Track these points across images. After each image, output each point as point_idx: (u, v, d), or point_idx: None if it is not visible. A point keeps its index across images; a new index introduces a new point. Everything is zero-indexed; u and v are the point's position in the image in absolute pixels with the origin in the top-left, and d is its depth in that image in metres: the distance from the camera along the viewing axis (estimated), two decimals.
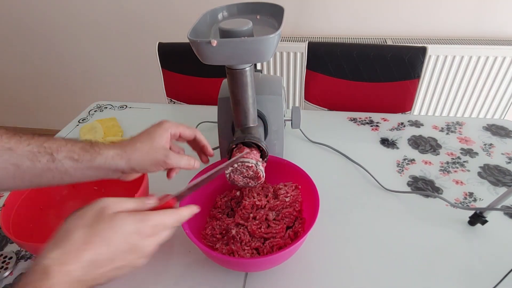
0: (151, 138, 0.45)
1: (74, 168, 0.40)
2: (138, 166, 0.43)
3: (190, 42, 0.46)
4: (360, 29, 1.45)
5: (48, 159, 0.38)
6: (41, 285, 0.27)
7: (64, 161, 0.39)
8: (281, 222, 0.55)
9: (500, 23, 1.34)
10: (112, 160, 0.41)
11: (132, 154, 0.43)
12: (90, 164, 0.41)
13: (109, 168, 0.42)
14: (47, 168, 0.38)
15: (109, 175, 0.43)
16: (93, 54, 1.83)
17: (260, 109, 0.64)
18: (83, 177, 0.41)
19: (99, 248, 0.31)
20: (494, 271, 0.50)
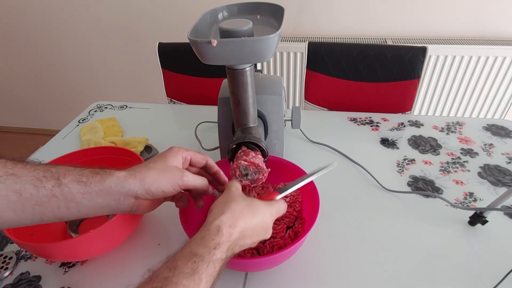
0: (164, 159, 0.43)
1: (82, 193, 0.37)
2: (153, 186, 0.40)
3: (190, 42, 0.46)
4: (360, 29, 1.45)
5: (54, 184, 0.36)
6: (215, 239, 0.35)
7: (71, 185, 0.36)
8: (281, 222, 0.55)
9: (500, 23, 1.34)
10: (124, 181, 0.38)
11: (146, 174, 0.40)
12: (100, 187, 0.37)
13: (120, 191, 0.38)
14: (51, 195, 0.35)
15: (121, 202, 0.39)
16: (93, 54, 1.83)
17: (260, 109, 0.64)
18: (91, 205, 0.38)
19: (248, 218, 0.38)
20: (494, 271, 0.50)
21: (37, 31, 1.80)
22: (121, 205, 0.39)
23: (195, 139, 0.85)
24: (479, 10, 1.32)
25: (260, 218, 0.39)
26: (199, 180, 0.44)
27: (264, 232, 0.40)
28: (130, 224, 0.55)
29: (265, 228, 0.40)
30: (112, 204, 0.39)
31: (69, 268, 0.55)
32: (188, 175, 0.43)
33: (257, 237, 0.39)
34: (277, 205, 0.42)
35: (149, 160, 0.43)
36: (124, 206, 0.40)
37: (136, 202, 0.40)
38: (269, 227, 0.41)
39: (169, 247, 0.58)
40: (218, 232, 0.35)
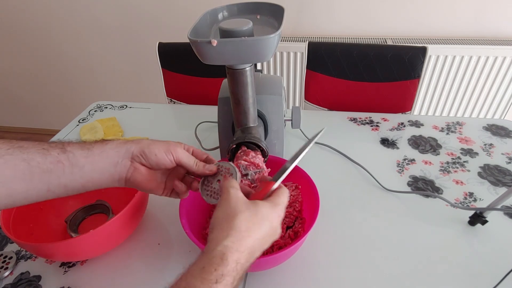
0: (164, 141, 0.44)
1: (85, 157, 0.38)
2: (147, 149, 0.41)
3: (190, 42, 0.46)
4: (360, 29, 1.45)
5: (59, 151, 0.37)
6: (218, 269, 0.31)
7: (75, 150, 0.38)
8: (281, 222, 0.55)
9: (500, 23, 1.34)
10: (123, 143, 0.41)
11: (143, 140, 0.42)
12: (101, 149, 0.39)
13: (119, 152, 0.40)
14: (57, 161, 0.37)
15: (118, 164, 0.40)
16: (93, 54, 1.83)
17: (260, 109, 0.64)
18: (92, 169, 0.39)
19: (256, 234, 0.35)
20: (494, 271, 0.50)
21: (37, 31, 1.80)
22: (118, 167, 0.40)
23: (195, 139, 0.85)
24: (479, 10, 1.32)
25: (267, 225, 0.36)
26: (191, 160, 0.44)
27: (273, 236, 0.38)
28: (130, 224, 0.55)
29: (273, 232, 0.38)
30: (111, 169, 0.40)
31: (69, 268, 0.55)
32: (182, 152, 0.43)
33: (267, 244, 0.37)
34: (281, 199, 0.39)
35: None
36: (121, 168, 0.40)
37: (131, 166, 0.41)
38: (278, 228, 0.39)
39: (169, 247, 0.58)
40: (223, 261, 0.31)
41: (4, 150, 0.34)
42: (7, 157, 0.34)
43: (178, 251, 0.57)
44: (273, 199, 0.39)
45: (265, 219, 0.36)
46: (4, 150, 0.34)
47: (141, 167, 0.41)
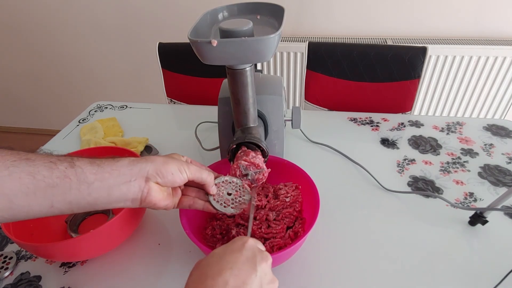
0: (167, 155, 0.44)
1: (94, 174, 0.36)
2: (163, 168, 0.40)
3: (190, 42, 0.46)
4: (361, 29, 1.45)
5: (67, 165, 0.36)
6: None
7: (84, 166, 0.36)
8: (281, 222, 0.55)
9: (500, 23, 1.34)
10: (136, 161, 0.39)
11: (156, 158, 0.41)
12: (112, 167, 0.38)
13: (132, 170, 0.39)
14: (64, 176, 0.35)
15: (131, 184, 0.38)
16: (93, 54, 1.83)
17: (260, 109, 0.64)
18: (102, 188, 0.37)
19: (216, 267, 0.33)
20: (494, 271, 0.50)
21: (38, 31, 1.80)
22: (131, 187, 0.38)
23: (195, 139, 0.85)
24: (479, 10, 1.32)
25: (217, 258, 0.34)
26: (205, 173, 0.45)
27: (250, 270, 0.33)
28: (130, 224, 0.55)
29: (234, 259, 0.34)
30: (122, 186, 0.38)
31: (69, 268, 0.55)
32: (193, 165, 0.44)
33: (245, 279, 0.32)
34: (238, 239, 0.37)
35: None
36: (135, 188, 0.39)
37: (146, 185, 0.39)
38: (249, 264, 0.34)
39: (169, 247, 0.58)
40: None
41: (10, 162, 0.33)
42: (12, 169, 0.33)
43: (178, 251, 0.57)
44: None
45: (223, 255, 0.34)
46: (10, 162, 0.33)
47: (155, 186, 0.40)
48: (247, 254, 0.34)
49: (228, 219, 0.57)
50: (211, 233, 0.55)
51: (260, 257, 0.35)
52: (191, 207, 0.47)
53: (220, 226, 0.56)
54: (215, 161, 0.62)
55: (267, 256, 0.36)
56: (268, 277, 0.35)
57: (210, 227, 0.56)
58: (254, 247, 0.36)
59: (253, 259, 0.34)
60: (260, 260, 0.34)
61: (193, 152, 0.81)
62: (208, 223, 0.58)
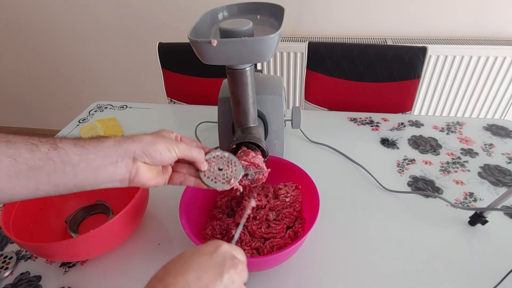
0: (157, 133, 0.42)
1: (79, 155, 0.35)
2: (151, 148, 0.39)
3: (190, 42, 0.46)
4: (361, 29, 1.45)
5: (50, 147, 0.34)
6: None
7: (67, 147, 0.35)
8: (281, 222, 0.55)
9: (500, 23, 1.34)
10: (122, 141, 0.38)
11: (143, 137, 0.40)
12: (97, 148, 0.36)
13: (118, 150, 0.38)
14: (47, 158, 0.34)
15: (118, 164, 0.38)
16: (93, 54, 1.83)
17: (260, 109, 0.64)
18: (88, 169, 0.36)
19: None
20: (494, 271, 0.50)
21: (38, 31, 1.80)
22: (118, 168, 0.38)
23: (195, 139, 0.85)
24: (479, 10, 1.32)
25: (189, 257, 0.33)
26: (195, 150, 0.44)
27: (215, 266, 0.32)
28: (130, 224, 0.55)
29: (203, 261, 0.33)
30: (109, 168, 0.37)
31: (69, 268, 0.55)
32: (183, 144, 0.42)
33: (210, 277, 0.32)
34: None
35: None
36: (122, 169, 0.38)
37: (134, 166, 0.39)
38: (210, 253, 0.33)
39: (169, 247, 0.58)
40: None
41: None
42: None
43: (178, 251, 0.57)
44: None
45: (191, 255, 0.33)
46: None
47: (143, 166, 0.40)
48: (217, 258, 0.33)
49: (228, 219, 0.57)
50: (211, 233, 0.55)
51: (230, 263, 0.33)
52: (182, 183, 0.46)
53: (220, 226, 0.56)
54: None
55: (238, 263, 0.34)
56: (235, 285, 0.33)
57: (210, 227, 0.56)
58: (227, 253, 0.34)
59: (222, 265, 0.33)
60: (229, 267, 0.33)
61: None
62: (208, 223, 0.58)
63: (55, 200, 0.64)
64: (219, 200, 0.61)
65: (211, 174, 0.47)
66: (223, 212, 0.59)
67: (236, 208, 0.59)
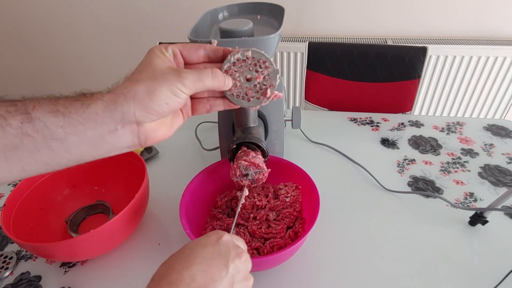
0: (149, 64, 0.33)
1: (62, 127, 0.28)
2: (153, 101, 0.30)
3: (190, 42, 0.46)
4: (361, 29, 1.45)
5: (22, 119, 0.27)
6: None
7: (45, 118, 0.28)
8: (282, 222, 0.55)
9: (500, 23, 1.34)
10: (113, 103, 0.30)
11: (137, 89, 0.31)
12: (83, 116, 0.29)
13: (112, 116, 0.30)
14: (23, 134, 0.27)
15: (119, 132, 0.31)
16: (94, 54, 1.83)
17: (261, 109, 0.64)
18: (81, 142, 0.29)
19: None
20: (494, 272, 0.50)
21: (37, 31, 1.80)
22: (121, 137, 0.31)
23: (195, 139, 0.85)
24: (479, 10, 1.32)
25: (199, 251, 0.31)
26: (208, 76, 0.33)
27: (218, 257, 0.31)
28: (130, 224, 0.55)
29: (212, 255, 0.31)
30: (109, 138, 0.30)
31: (69, 268, 0.55)
32: (187, 74, 0.32)
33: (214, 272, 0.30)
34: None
35: (134, 72, 0.33)
36: (126, 137, 0.31)
37: (140, 130, 0.32)
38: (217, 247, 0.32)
39: (169, 247, 0.58)
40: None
41: None
42: None
43: None
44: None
45: (194, 248, 0.32)
46: None
47: (151, 125, 0.32)
48: (220, 249, 0.32)
49: (228, 219, 0.57)
50: None
51: (234, 253, 0.32)
52: (209, 111, 0.38)
53: (220, 226, 0.56)
54: (215, 161, 0.62)
55: (241, 252, 0.33)
56: (241, 274, 0.32)
57: (210, 227, 0.56)
58: (229, 242, 0.33)
59: (226, 255, 0.31)
60: (233, 257, 0.32)
61: (193, 152, 0.81)
62: (208, 223, 0.58)
63: (55, 200, 0.64)
64: (219, 200, 0.61)
65: (239, 90, 0.37)
66: (223, 212, 0.59)
67: (236, 208, 0.59)
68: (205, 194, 0.60)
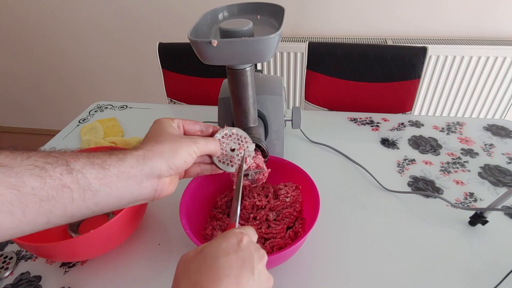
0: (165, 131, 0.38)
1: (100, 179, 0.30)
2: (175, 158, 0.35)
3: (190, 42, 0.46)
4: (361, 29, 1.45)
5: (63, 171, 0.28)
6: None
7: (85, 170, 0.29)
8: (282, 222, 0.55)
9: (500, 23, 1.34)
10: (146, 158, 0.33)
11: (163, 148, 0.35)
12: (120, 169, 0.31)
13: (143, 170, 0.33)
14: (62, 186, 0.27)
15: (143, 185, 0.34)
16: (94, 54, 1.83)
17: (261, 109, 0.64)
18: (110, 194, 0.31)
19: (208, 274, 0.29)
20: (494, 272, 0.50)
21: (37, 31, 1.80)
22: (143, 189, 0.34)
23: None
24: (479, 10, 1.32)
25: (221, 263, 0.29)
26: (212, 143, 0.41)
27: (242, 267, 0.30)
28: (130, 224, 0.55)
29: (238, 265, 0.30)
30: (134, 190, 0.33)
31: (69, 268, 0.55)
32: (199, 140, 0.39)
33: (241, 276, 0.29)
34: (233, 231, 0.34)
35: (151, 136, 0.37)
36: (147, 190, 0.34)
37: (159, 183, 0.35)
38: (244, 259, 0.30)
39: (169, 247, 0.58)
40: None
41: None
42: None
43: (178, 251, 0.57)
44: (224, 232, 0.34)
45: (217, 257, 0.30)
46: None
47: (167, 180, 0.36)
48: (244, 255, 0.30)
49: (228, 219, 0.57)
50: (211, 233, 0.55)
51: (257, 256, 0.31)
52: (199, 174, 0.45)
53: (220, 226, 0.56)
54: None
55: (263, 255, 0.33)
56: (264, 276, 0.32)
57: (210, 227, 0.56)
58: (250, 245, 0.32)
59: (250, 261, 0.30)
60: (257, 261, 0.31)
61: None
62: (208, 223, 0.58)
63: None
64: (219, 200, 0.61)
65: (224, 158, 0.46)
66: (223, 212, 0.59)
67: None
68: (205, 194, 0.60)
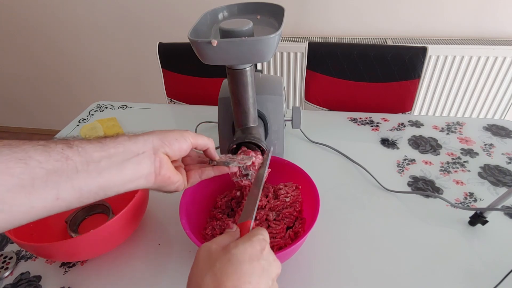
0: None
1: (98, 151, 0.32)
2: (167, 138, 0.38)
3: (190, 42, 0.46)
4: (360, 29, 1.45)
5: (63, 146, 0.30)
6: None
7: (83, 145, 0.31)
8: (282, 222, 0.55)
9: (500, 23, 1.34)
10: (136, 136, 0.36)
11: (154, 131, 0.39)
12: (114, 143, 0.34)
13: (136, 144, 0.35)
14: (65, 158, 0.29)
15: (141, 160, 0.35)
16: (94, 54, 1.83)
17: (261, 109, 0.64)
18: (111, 166, 0.33)
19: (234, 276, 0.29)
20: (494, 272, 0.50)
21: (38, 31, 1.80)
22: (142, 162, 0.35)
23: None
24: (479, 10, 1.32)
25: (247, 268, 0.30)
26: (204, 137, 0.43)
27: (263, 274, 0.31)
28: (130, 224, 0.55)
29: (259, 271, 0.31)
30: (133, 162, 0.34)
31: (69, 268, 0.55)
32: (195, 135, 0.42)
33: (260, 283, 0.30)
34: (258, 232, 0.34)
35: None
36: (146, 163, 0.36)
37: (157, 158, 0.37)
38: (265, 266, 0.31)
39: (169, 247, 0.58)
40: None
41: None
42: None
43: (178, 251, 0.57)
44: (249, 234, 0.34)
45: (242, 262, 0.30)
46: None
47: (165, 157, 0.38)
48: (264, 264, 0.31)
49: (228, 219, 0.57)
50: (211, 233, 0.55)
51: (275, 267, 0.33)
52: (202, 177, 0.45)
53: (220, 226, 0.56)
54: None
55: (279, 267, 0.34)
56: (275, 285, 0.33)
57: (210, 227, 0.56)
58: (270, 255, 0.33)
59: (269, 272, 0.32)
60: (275, 273, 0.32)
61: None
62: (208, 223, 0.58)
63: None
64: (219, 200, 0.61)
65: (223, 164, 0.47)
66: (223, 212, 0.59)
67: (236, 208, 0.59)
68: (205, 194, 0.60)
